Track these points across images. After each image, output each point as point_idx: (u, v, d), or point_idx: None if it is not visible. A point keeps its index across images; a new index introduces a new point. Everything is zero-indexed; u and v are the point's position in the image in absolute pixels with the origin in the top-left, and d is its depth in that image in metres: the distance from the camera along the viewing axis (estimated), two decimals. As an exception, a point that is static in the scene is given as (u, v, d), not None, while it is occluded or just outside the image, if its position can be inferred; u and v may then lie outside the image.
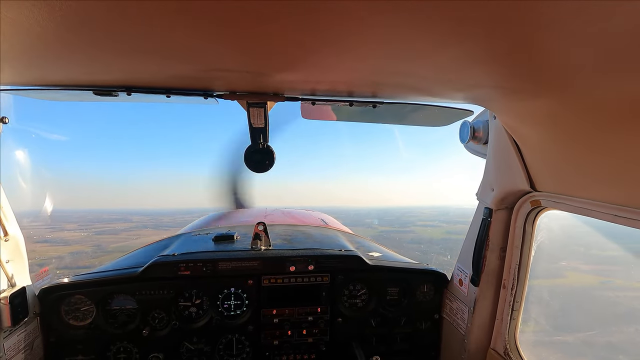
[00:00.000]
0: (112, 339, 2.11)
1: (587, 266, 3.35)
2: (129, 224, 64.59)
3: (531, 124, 1.44)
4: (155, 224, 65.96)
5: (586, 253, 3.02)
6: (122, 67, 1.20)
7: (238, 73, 1.27)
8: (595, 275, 3.41)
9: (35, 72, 1.26)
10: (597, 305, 3.12)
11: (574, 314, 2.95)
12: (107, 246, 36.96)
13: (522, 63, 0.93)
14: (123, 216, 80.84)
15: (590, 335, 2.69)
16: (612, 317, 2.87)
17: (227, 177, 5.76)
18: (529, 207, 1.78)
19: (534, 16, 0.65)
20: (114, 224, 64.23)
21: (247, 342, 2.28)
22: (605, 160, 1.21)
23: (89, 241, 40.31)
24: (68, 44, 0.92)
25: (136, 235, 50.82)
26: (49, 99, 1.82)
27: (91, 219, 69.02)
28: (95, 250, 34.28)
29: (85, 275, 2.17)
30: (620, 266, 3.16)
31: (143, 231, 55.45)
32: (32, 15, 0.71)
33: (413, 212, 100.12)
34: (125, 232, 53.96)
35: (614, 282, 3.21)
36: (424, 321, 2.45)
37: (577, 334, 2.76)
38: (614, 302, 2.96)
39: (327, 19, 0.71)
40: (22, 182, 2.67)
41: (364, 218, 79.50)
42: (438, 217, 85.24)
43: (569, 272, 3.04)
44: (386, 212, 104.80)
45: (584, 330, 2.74)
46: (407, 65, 1.05)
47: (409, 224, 69.91)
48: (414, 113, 1.98)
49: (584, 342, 2.70)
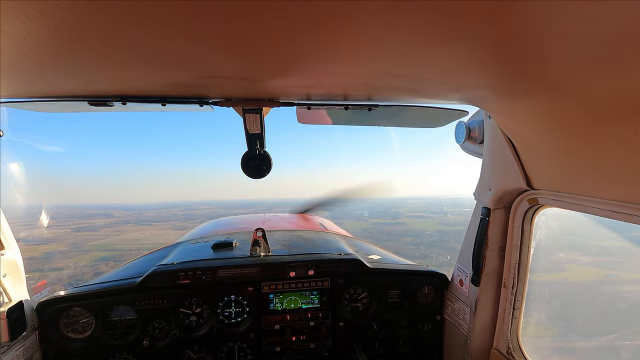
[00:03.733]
0: (112, 350, 2.09)
1: (586, 258, 3.24)
2: (109, 220, 62.19)
3: (526, 123, 1.45)
4: (138, 219, 64.06)
5: (585, 244, 2.94)
6: (117, 76, 1.20)
7: (233, 80, 1.27)
8: (598, 267, 3.27)
9: (29, 84, 1.26)
10: (611, 304, 2.87)
11: (587, 313, 2.74)
12: (85, 244, 35.63)
13: (515, 63, 0.93)
14: (104, 211, 78.21)
15: (614, 339, 2.44)
16: (631, 315, 2.58)
17: None
18: (527, 205, 1.79)
19: (526, 17, 0.66)
20: (93, 219, 61.94)
21: (248, 350, 2.26)
22: (600, 156, 1.22)
23: (67, 239, 38.54)
24: (62, 55, 0.91)
25: (117, 231, 49.37)
26: (44, 110, 1.81)
27: (70, 215, 66.54)
28: (71, 249, 32.64)
29: (84, 287, 2.15)
30: (619, 257, 3.00)
31: (125, 227, 53.73)
32: (25, 27, 0.71)
33: (400, 203, 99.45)
34: (106, 229, 52.00)
35: (619, 276, 3.06)
36: (426, 323, 2.44)
37: (600, 339, 2.51)
38: (625, 299, 2.78)
39: (321, 23, 0.72)
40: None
41: (353, 210, 78.77)
42: (427, 207, 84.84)
43: (569, 265, 2.92)
44: (374, 204, 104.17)
45: (605, 334, 2.48)
46: (402, 68, 1.06)
47: (399, 216, 69.16)
48: (409, 115, 1.99)
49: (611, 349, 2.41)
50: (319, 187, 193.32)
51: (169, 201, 72.43)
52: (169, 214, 61.87)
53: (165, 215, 63.25)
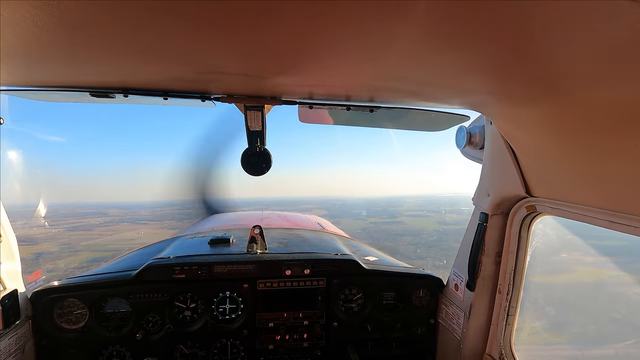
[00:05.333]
0: (105, 342, 2.09)
1: (590, 258, 3.04)
2: (104, 219, 60.91)
3: (527, 130, 1.45)
4: (133, 217, 63.45)
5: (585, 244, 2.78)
6: (120, 68, 1.20)
7: (236, 76, 1.27)
8: (601, 268, 3.08)
9: (32, 73, 1.25)
10: (623, 307, 2.71)
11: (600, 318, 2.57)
12: (78, 244, 35.06)
13: (517, 69, 0.94)
14: (99, 210, 77.45)
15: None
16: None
17: (196, 181, 5.66)
18: (525, 212, 1.79)
19: (529, 23, 0.66)
20: (88, 218, 60.85)
21: (241, 347, 2.26)
22: (600, 165, 1.22)
23: (59, 238, 37.27)
24: (65, 45, 0.91)
25: (111, 231, 48.85)
26: (45, 99, 1.81)
27: (64, 214, 65.08)
28: (62, 249, 31.63)
29: (79, 277, 2.14)
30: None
31: (119, 226, 53.15)
32: (30, 15, 0.71)
33: (398, 201, 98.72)
34: (99, 228, 50.94)
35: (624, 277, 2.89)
36: (420, 326, 2.44)
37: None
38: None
39: (325, 23, 0.72)
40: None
41: (350, 209, 78.39)
42: (424, 206, 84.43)
43: (575, 266, 2.81)
44: (372, 203, 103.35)
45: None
46: (404, 70, 1.06)
47: (397, 215, 68.87)
48: (410, 118, 1.99)
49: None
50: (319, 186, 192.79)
51: (164, 200, 72.46)
52: (164, 213, 61.69)
53: (160, 214, 63.02)
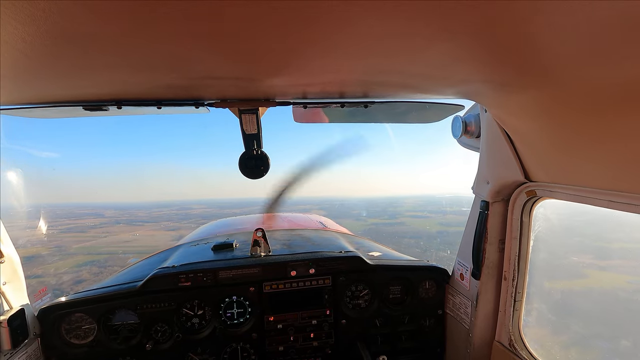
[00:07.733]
0: (115, 355, 2.08)
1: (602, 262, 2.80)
2: (100, 220, 60.62)
3: (522, 116, 1.45)
4: (129, 219, 62.78)
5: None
6: (111, 80, 1.19)
7: (228, 80, 1.27)
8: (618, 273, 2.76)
9: (23, 90, 1.25)
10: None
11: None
12: (70, 247, 34.20)
13: (509, 56, 0.93)
14: (96, 210, 76.59)
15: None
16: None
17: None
18: (525, 197, 1.79)
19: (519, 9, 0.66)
20: (83, 219, 60.19)
21: (252, 350, 2.26)
22: (597, 146, 1.22)
23: (52, 241, 35.95)
24: (54, 59, 0.91)
25: (106, 232, 48.19)
26: (38, 117, 1.80)
27: (60, 214, 64.27)
28: (54, 252, 30.34)
29: (85, 292, 2.14)
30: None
31: (115, 227, 52.36)
32: (17, 31, 0.70)
33: (398, 202, 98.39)
34: (95, 230, 50.20)
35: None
36: (428, 318, 2.44)
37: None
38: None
39: (313, 20, 0.72)
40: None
41: (350, 210, 78.06)
42: (424, 206, 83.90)
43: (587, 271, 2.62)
44: (371, 203, 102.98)
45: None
46: (397, 63, 1.06)
47: (397, 215, 68.68)
48: (405, 111, 2.00)
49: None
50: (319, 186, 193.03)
51: (162, 200, 70.94)
52: (161, 214, 61.02)
53: (157, 215, 62.31)
